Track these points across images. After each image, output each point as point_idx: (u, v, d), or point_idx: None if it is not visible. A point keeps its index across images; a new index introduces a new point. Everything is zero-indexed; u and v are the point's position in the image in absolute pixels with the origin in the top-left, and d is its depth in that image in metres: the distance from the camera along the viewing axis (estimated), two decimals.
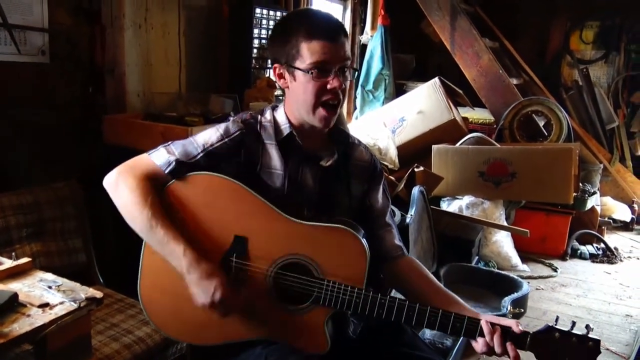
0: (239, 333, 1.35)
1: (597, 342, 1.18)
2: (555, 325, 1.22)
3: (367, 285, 1.31)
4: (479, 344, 1.25)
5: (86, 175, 2.24)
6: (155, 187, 1.33)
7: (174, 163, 1.34)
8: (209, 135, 1.39)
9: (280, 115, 1.44)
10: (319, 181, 1.44)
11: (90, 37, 2.38)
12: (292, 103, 1.40)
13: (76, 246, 2.01)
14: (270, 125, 1.43)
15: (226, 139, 1.38)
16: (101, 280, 2.08)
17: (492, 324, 1.23)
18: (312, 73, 1.31)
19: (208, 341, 1.38)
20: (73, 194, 2.04)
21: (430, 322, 1.26)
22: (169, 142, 1.40)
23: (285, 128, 1.41)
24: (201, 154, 1.36)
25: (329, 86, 1.32)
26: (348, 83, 1.41)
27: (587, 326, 1.20)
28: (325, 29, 1.32)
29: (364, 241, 1.30)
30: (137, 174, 1.32)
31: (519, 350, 1.22)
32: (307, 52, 1.31)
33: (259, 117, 1.45)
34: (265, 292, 1.32)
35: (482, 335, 1.23)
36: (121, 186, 1.32)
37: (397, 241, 1.53)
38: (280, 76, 1.40)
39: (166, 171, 1.34)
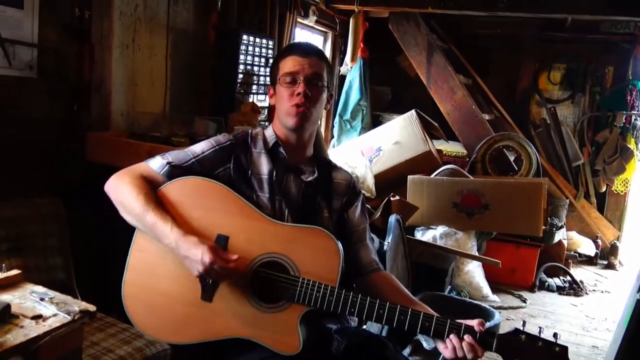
0: (216, 330, 1.38)
1: (564, 349, 1.21)
2: (523, 329, 1.25)
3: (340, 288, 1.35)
4: (448, 350, 1.27)
5: (67, 193, 2.22)
6: (151, 185, 1.46)
7: (167, 166, 1.49)
8: (201, 145, 1.55)
9: (268, 131, 1.60)
10: (302, 194, 1.54)
11: (78, 54, 2.39)
12: (277, 116, 1.57)
13: (57, 264, 1.98)
14: (260, 137, 1.58)
15: (217, 147, 1.53)
16: (80, 299, 2.04)
17: (466, 328, 1.26)
18: (284, 81, 1.50)
19: (186, 339, 1.41)
20: (55, 210, 2.02)
21: (399, 321, 1.29)
22: (165, 152, 1.54)
23: (271, 139, 1.57)
24: (193, 160, 1.51)
25: (296, 92, 1.48)
26: (322, 97, 1.54)
27: (554, 334, 1.23)
28: (298, 47, 1.57)
29: (338, 242, 1.37)
30: (134, 174, 1.47)
31: (486, 352, 1.25)
32: (283, 66, 1.52)
33: (250, 131, 1.61)
34: (244, 289, 1.37)
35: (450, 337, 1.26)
36: (120, 185, 1.45)
37: (374, 256, 1.58)
38: (271, 95, 1.59)
39: (160, 173, 1.48)
